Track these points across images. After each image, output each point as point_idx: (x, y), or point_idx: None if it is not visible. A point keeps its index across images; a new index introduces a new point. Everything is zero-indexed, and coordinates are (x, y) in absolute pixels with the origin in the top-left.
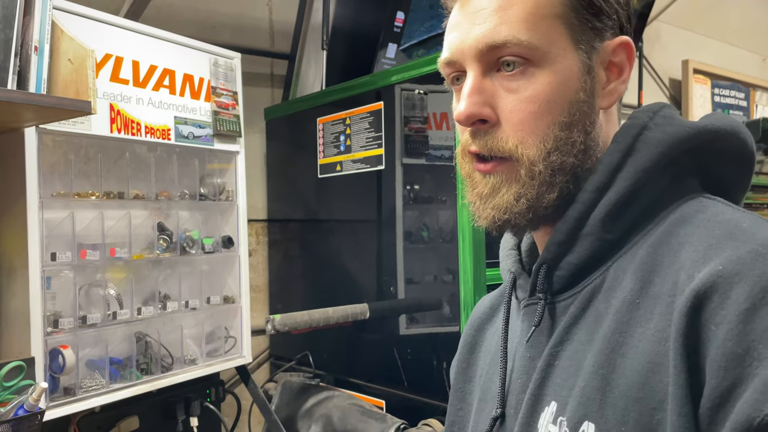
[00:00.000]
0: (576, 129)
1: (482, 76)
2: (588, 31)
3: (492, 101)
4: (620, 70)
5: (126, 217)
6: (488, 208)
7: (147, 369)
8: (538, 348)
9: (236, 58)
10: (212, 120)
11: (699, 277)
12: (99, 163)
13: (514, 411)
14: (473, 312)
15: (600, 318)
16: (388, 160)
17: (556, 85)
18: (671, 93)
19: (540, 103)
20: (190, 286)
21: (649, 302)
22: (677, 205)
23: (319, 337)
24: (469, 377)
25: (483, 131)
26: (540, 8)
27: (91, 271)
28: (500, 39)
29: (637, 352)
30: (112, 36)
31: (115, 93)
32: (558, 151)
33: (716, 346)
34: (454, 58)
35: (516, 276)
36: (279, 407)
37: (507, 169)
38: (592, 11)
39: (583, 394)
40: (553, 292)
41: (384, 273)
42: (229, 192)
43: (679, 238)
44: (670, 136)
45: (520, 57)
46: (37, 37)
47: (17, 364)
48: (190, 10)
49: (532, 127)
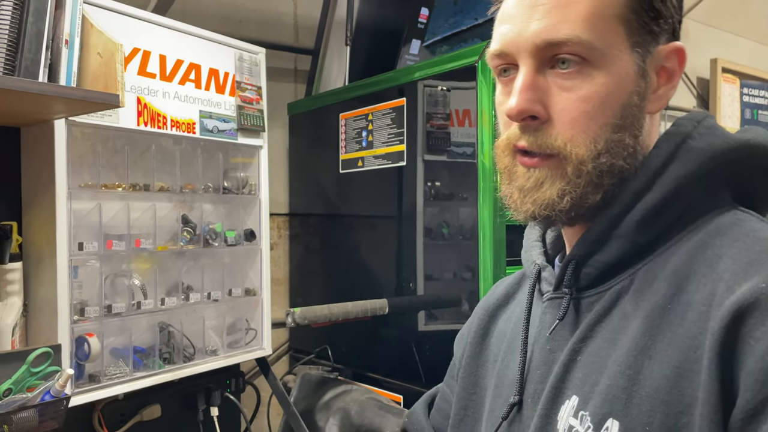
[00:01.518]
0: (627, 132)
1: (536, 72)
2: (645, 34)
3: (544, 98)
4: (670, 75)
5: (151, 208)
6: (528, 202)
7: (169, 358)
8: (560, 341)
9: (261, 53)
10: (236, 114)
11: (740, 291)
12: (126, 156)
13: (532, 400)
14: (487, 297)
15: (626, 318)
16: (410, 156)
17: (611, 86)
18: (699, 92)
19: (594, 104)
20: (212, 278)
21: (680, 308)
22: (712, 215)
23: (339, 331)
24: (481, 362)
25: (533, 127)
26: (602, 8)
27: (117, 261)
28: (560, 37)
29: (665, 356)
30: (140, 30)
31: (142, 86)
32: (608, 153)
33: (754, 360)
34: (506, 50)
35: (541, 268)
36: (297, 399)
37: (553, 165)
38: (652, 14)
39: (608, 392)
40: (579, 288)
41: (403, 269)
42: (252, 186)
43: (715, 249)
44: (712, 147)
45: (577, 56)
46: (68, 30)
47: (44, 351)
48: (216, 4)
49: (584, 126)
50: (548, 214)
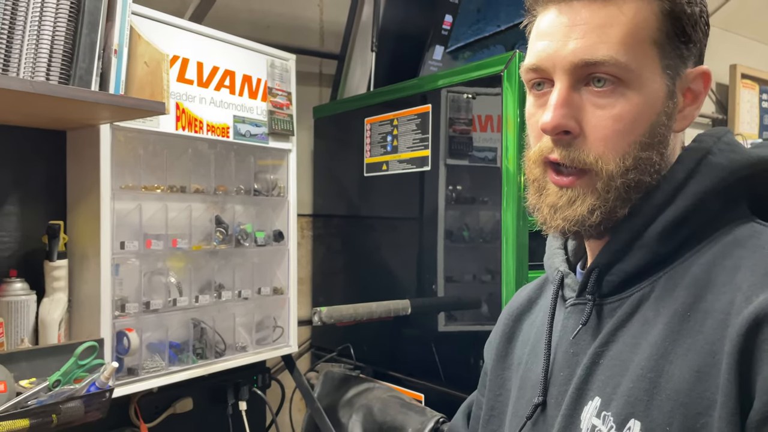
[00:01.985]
0: (654, 150)
1: (571, 89)
2: (676, 58)
3: (578, 114)
4: (696, 96)
5: (187, 209)
6: (559, 219)
7: (202, 354)
8: (583, 345)
9: (291, 59)
10: (268, 119)
11: (758, 301)
12: (164, 158)
13: (556, 401)
14: (511, 302)
15: (648, 324)
16: (433, 160)
17: (643, 106)
18: (718, 98)
19: (625, 122)
20: (242, 276)
21: (699, 316)
22: (730, 227)
23: (360, 330)
24: (507, 365)
25: (566, 141)
26: (638, 31)
27: (154, 259)
28: (598, 57)
29: (685, 361)
30: (181, 38)
31: (181, 92)
32: (636, 169)
33: None
34: (542, 65)
35: (564, 275)
36: (320, 396)
37: (585, 183)
38: (683, 39)
39: (630, 394)
40: (602, 295)
41: (425, 270)
42: (281, 188)
43: (734, 260)
44: (732, 163)
45: (613, 76)
46: (117, 41)
47: (91, 344)
48: (246, 10)
49: (615, 143)
50: (578, 229)
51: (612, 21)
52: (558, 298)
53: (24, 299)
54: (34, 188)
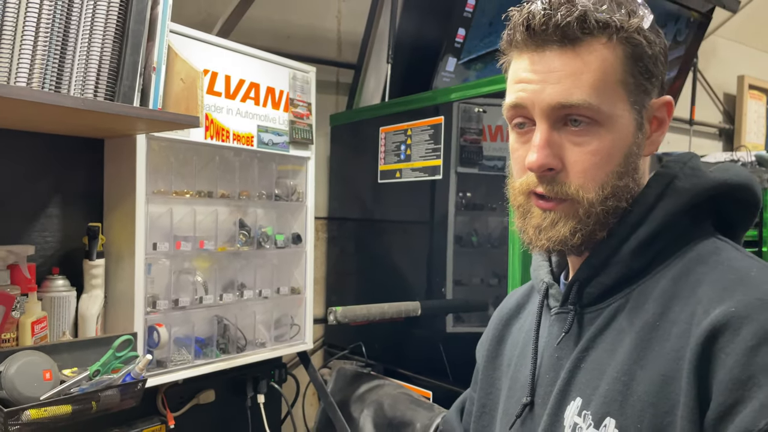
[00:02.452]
0: (629, 177)
1: (551, 129)
2: (641, 93)
3: (559, 152)
4: (661, 123)
5: (213, 213)
6: (543, 239)
7: (225, 349)
8: (566, 350)
9: (311, 71)
10: (289, 128)
11: (715, 313)
12: (194, 166)
13: (542, 400)
14: (502, 307)
15: (622, 333)
16: (444, 169)
17: (616, 140)
18: (725, 108)
19: (602, 156)
20: (262, 276)
21: (667, 325)
22: (695, 244)
23: (372, 329)
24: (497, 365)
25: (550, 177)
26: (606, 75)
27: (182, 259)
28: (573, 101)
29: (654, 366)
30: (211, 53)
31: (210, 104)
32: (614, 197)
33: (725, 371)
34: (523, 104)
35: (548, 286)
36: (333, 391)
37: (566, 208)
38: (646, 75)
39: (606, 395)
40: (582, 305)
41: (434, 274)
42: (300, 193)
43: (696, 276)
44: (695, 187)
45: (587, 117)
46: (156, 59)
47: (127, 338)
48: (267, 20)
49: (593, 175)
50: (560, 248)
51: (583, 69)
52: (544, 306)
53: (65, 295)
54: (75, 192)
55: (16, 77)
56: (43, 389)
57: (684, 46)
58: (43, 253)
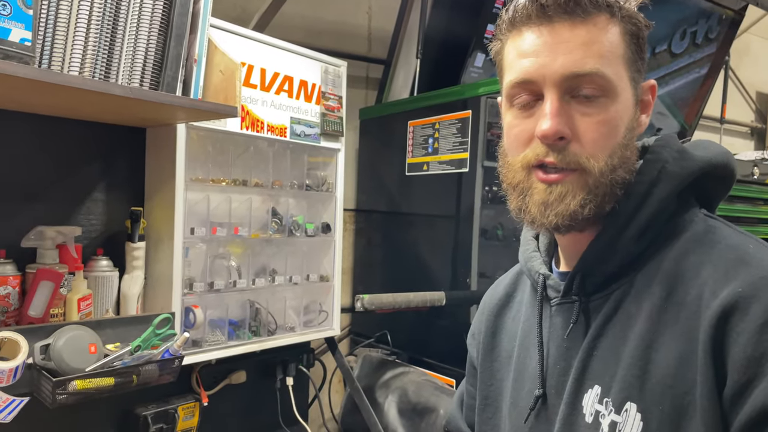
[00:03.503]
0: (630, 150)
1: (560, 100)
2: (637, 72)
3: (569, 122)
4: (646, 106)
5: (248, 201)
6: (551, 214)
7: (257, 331)
8: (575, 340)
9: (343, 65)
10: (320, 120)
11: (723, 295)
12: (230, 155)
13: (556, 391)
14: (489, 298)
15: (631, 318)
16: (471, 162)
17: (621, 113)
18: (757, 107)
19: (609, 127)
20: (293, 263)
21: (675, 308)
22: (686, 223)
23: (397, 318)
24: (494, 357)
25: (561, 146)
26: (614, 48)
27: (217, 245)
28: (586, 69)
29: (668, 349)
30: (247, 47)
31: (246, 96)
32: (621, 167)
33: (738, 350)
34: (532, 78)
35: (545, 277)
36: (359, 377)
37: (575, 179)
38: (640, 57)
39: (624, 380)
40: (586, 294)
41: (459, 265)
42: (330, 184)
43: (696, 257)
44: (685, 170)
45: (597, 87)
46: (198, 51)
47: (166, 316)
48: (299, 17)
49: (603, 144)
50: (569, 223)
51: (594, 39)
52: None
53: (109, 275)
54: (118, 178)
55: (70, 66)
56: (89, 362)
57: (716, 44)
58: (89, 235)
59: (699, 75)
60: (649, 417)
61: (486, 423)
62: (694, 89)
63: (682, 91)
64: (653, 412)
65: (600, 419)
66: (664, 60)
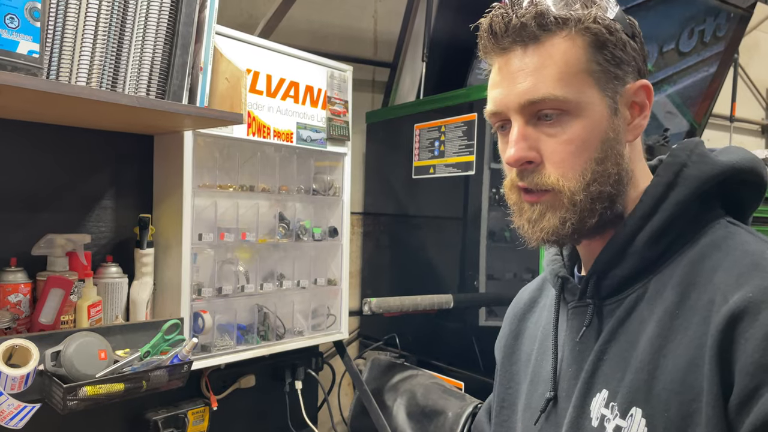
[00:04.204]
0: (609, 162)
1: (525, 125)
2: (611, 80)
3: (536, 145)
4: (642, 108)
5: (255, 206)
6: (537, 231)
7: (265, 336)
8: (588, 343)
9: (348, 70)
10: (326, 125)
11: (733, 300)
12: (237, 161)
13: (566, 394)
14: (515, 303)
15: (643, 323)
16: (477, 165)
17: (589, 128)
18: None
19: (577, 144)
20: (300, 268)
21: (687, 313)
22: (707, 228)
23: (405, 321)
24: (515, 360)
25: (529, 170)
26: (570, 66)
27: (225, 250)
28: (539, 96)
29: (677, 355)
30: (253, 53)
31: (252, 102)
32: (596, 182)
33: (746, 356)
34: (498, 110)
35: (563, 281)
36: (368, 380)
37: (550, 199)
38: (614, 63)
39: (631, 385)
40: (601, 297)
41: (467, 268)
42: (337, 188)
43: (712, 262)
44: (704, 174)
45: (556, 109)
46: (203, 59)
47: (174, 322)
48: (305, 21)
49: (572, 163)
50: (555, 239)
51: (546, 63)
52: (560, 300)
53: (118, 281)
54: (126, 185)
55: (77, 77)
56: (99, 368)
57: (724, 42)
58: (98, 242)
59: (708, 73)
60: (654, 423)
61: (501, 425)
62: (703, 88)
63: (691, 89)
64: (659, 418)
65: (605, 423)
66: (672, 59)
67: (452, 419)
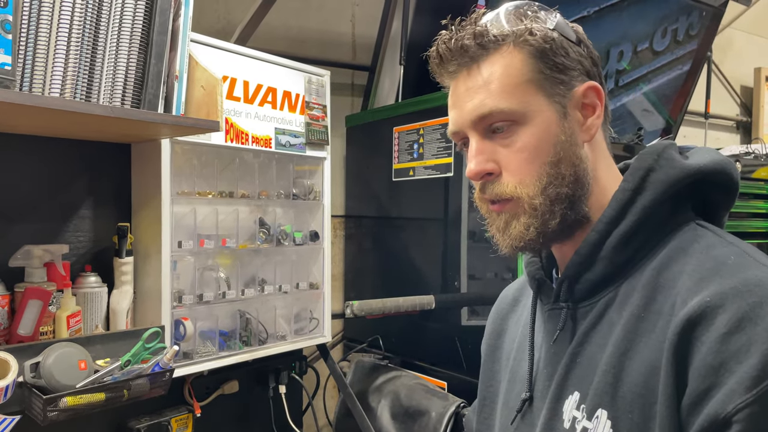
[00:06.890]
0: (563, 164)
1: (482, 139)
2: (557, 85)
3: (493, 157)
4: (593, 108)
5: (234, 212)
6: (507, 238)
7: (247, 341)
8: (562, 346)
9: (326, 75)
10: (305, 130)
11: (691, 304)
12: (215, 167)
13: (541, 395)
14: (499, 302)
15: (613, 326)
16: (456, 166)
17: (539, 134)
18: (742, 101)
19: (529, 151)
20: (282, 272)
21: (652, 317)
22: (676, 232)
23: (388, 322)
24: (496, 358)
25: (490, 182)
26: (513, 78)
27: (205, 257)
28: (486, 110)
29: (641, 358)
30: (229, 60)
31: (229, 109)
32: (552, 185)
33: (699, 358)
34: (456, 129)
35: (540, 283)
36: (352, 383)
37: (512, 207)
38: (558, 69)
39: (597, 387)
40: (575, 301)
41: (448, 268)
42: (317, 192)
43: (678, 266)
44: (671, 177)
45: (505, 120)
46: (179, 67)
47: (155, 330)
48: (283, 27)
49: (527, 170)
50: (522, 245)
51: (489, 80)
52: (537, 302)
53: (97, 291)
54: (104, 194)
55: (50, 88)
56: (79, 378)
57: (697, 40)
58: (77, 252)
59: (682, 71)
60: (619, 425)
61: (483, 423)
62: (678, 85)
63: (666, 87)
64: (623, 420)
65: (576, 425)
66: (647, 58)
67: (435, 419)
